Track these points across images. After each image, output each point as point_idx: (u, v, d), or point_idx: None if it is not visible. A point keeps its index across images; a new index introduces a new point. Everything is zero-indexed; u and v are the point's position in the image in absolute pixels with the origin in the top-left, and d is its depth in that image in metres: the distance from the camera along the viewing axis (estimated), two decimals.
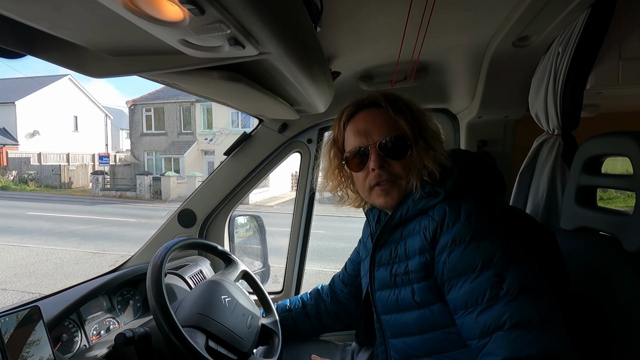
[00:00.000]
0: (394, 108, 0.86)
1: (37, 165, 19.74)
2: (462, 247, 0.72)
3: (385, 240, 0.88)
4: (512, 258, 0.69)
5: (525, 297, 0.65)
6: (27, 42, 0.60)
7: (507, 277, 0.67)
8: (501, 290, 0.66)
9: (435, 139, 0.86)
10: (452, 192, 0.79)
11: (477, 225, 0.72)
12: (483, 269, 0.69)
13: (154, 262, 0.94)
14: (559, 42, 0.96)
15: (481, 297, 0.68)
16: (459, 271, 0.71)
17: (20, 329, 0.75)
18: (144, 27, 0.45)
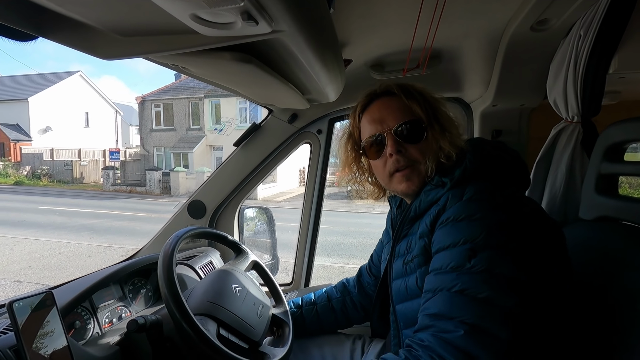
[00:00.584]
0: (406, 95, 0.87)
1: (50, 161, 20.09)
2: (453, 223, 0.72)
3: (406, 233, 0.89)
4: (494, 243, 0.67)
5: (486, 276, 0.65)
6: (38, 24, 0.59)
7: (479, 255, 0.66)
8: (468, 263, 0.66)
9: (450, 122, 0.86)
10: (459, 180, 0.79)
11: (473, 206, 0.72)
12: (463, 243, 0.69)
13: (165, 250, 0.94)
14: (580, 25, 0.92)
15: (447, 263, 0.69)
16: (443, 244, 0.72)
17: (34, 314, 0.76)
18: (157, 1, 0.44)
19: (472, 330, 0.61)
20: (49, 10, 0.55)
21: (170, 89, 20.64)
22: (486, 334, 0.61)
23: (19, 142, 21.48)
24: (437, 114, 0.86)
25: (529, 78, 1.20)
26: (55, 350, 0.78)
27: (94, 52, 0.62)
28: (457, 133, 0.85)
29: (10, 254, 6.76)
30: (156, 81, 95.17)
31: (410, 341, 0.69)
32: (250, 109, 18.33)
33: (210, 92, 18.88)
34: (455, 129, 0.86)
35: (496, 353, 0.60)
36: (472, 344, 0.61)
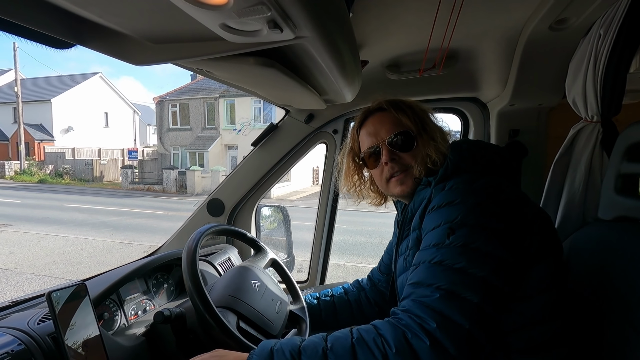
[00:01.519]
0: (396, 109, 0.99)
1: (72, 160, 20.75)
2: (437, 209, 0.80)
3: (407, 233, 0.96)
4: (471, 221, 0.73)
5: (463, 249, 0.71)
6: (76, 32, 0.63)
7: (457, 232, 0.73)
8: (447, 240, 0.73)
9: (436, 131, 0.98)
10: (442, 177, 0.88)
11: (453, 193, 0.79)
12: (444, 224, 0.76)
13: (189, 246, 0.98)
14: (600, 24, 0.92)
15: (428, 242, 0.77)
16: (428, 228, 0.80)
17: (69, 303, 0.81)
18: (189, 12, 0.47)
19: (447, 295, 0.68)
20: (88, 21, 0.59)
21: (187, 89, 21.01)
22: (459, 298, 0.67)
23: (43, 141, 22.27)
24: (425, 124, 0.98)
25: (547, 77, 1.19)
26: (88, 338, 0.83)
27: (128, 58, 0.66)
28: (442, 141, 0.95)
29: (35, 249, 7.03)
30: (173, 82, 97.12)
31: (394, 309, 0.75)
32: (264, 109, 18.49)
33: (225, 92, 19.13)
34: (442, 137, 0.97)
35: (468, 315, 0.66)
36: (446, 306, 0.67)
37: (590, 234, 0.95)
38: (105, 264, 6.18)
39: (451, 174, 0.87)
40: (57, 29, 0.61)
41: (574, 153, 1.11)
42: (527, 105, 1.36)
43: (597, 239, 0.91)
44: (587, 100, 1.02)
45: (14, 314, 0.97)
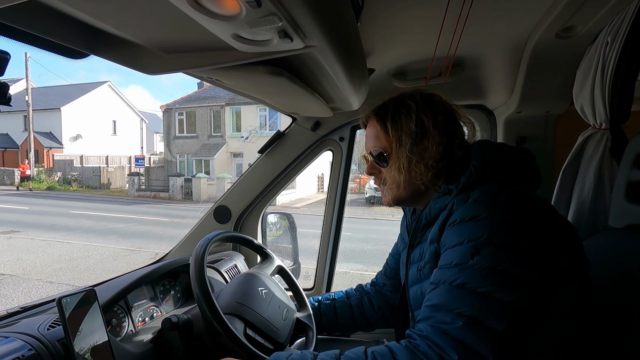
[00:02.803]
0: (380, 122, 0.93)
1: (80, 167, 21.01)
2: (458, 224, 0.74)
3: (419, 240, 0.93)
4: (497, 240, 0.68)
5: (488, 272, 0.65)
6: (92, 43, 0.65)
7: (482, 252, 0.67)
8: (471, 260, 0.67)
9: (433, 143, 0.86)
10: (465, 186, 0.81)
11: (478, 207, 0.73)
12: (468, 241, 0.70)
13: (197, 252, 0.99)
14: (607, 32, 0.92)
15: (450, 260, 0.71)
16: (449, 244, 0.74)
17: (79, 309, 0.81)
18: (202, 23, 0.48)
19: (470, 322, 0.63)
20: (102, 31, 0.61)
21: (193, 98, 21.27)
22: (483, 326, 0.62)
23: (52, 149, 22.61)
24: (409, 141, 0.87)
25: (555, 85, 1.19)
26: (97, 344, 0.83)
27: (140, 68, 0.67)
28: (456, 148, 0.87)
29: (43, 256, 7.09)
30: (180, 90, 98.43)
31: (411, 331, 0.71)
32: (270, 117, 18.63)
33: (231, 100, 19.33)
34: (431, 152, 0.85)
35: (493, 345, 0.61)
36: (469, 336, 0.62)
37: (601, 242, 0.94)
38: (112, 271, 6.21)
39: (475, 183, 0.80)
40: (73, 40, 0.62)
41: (583, 160, 1.11)
42: (534, 112, 1.36)
43: (608, 247, 0.89)
44: (595, 108, 1.02)
45: (24, 320, 0.98)
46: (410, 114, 0.87)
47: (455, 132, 0.89)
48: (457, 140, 0.88)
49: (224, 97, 19.56)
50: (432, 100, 0.90)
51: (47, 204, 13.98)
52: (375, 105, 1.00)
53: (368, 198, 14.97)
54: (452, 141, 0.87)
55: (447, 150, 0.86)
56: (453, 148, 0.86)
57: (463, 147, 0.88)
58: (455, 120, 0.91)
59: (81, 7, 0.50)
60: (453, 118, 0.91)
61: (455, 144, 0.87)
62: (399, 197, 0.93)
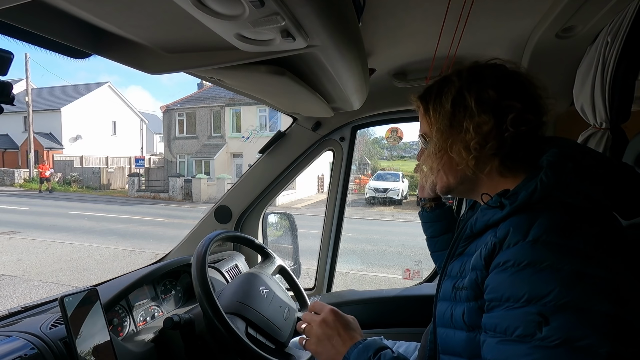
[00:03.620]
0: (422, 104, 0.83)
1: (80, 168, 21.00)
2: (513, 270, 0.58)
3: (461, 251, 0.79)
4: (572, 303, 0.52)
5: (567, 351, 0.51)
6: (94, 43, 0.65)
7: (553, 322, 0.52)
8: (539, 332, 0.53)
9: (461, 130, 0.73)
10: (523, 206, 0.63)
11: (541, 250, 0.56)
12: (528, 302, 0.55)
13: (199, 252, 0.99)
14: (607, 32, 0.92)
15: (512, 329, 0.56)
16: (500, 295, 0.59)
17: (81, 308, 0.82)
18: (206, 22, 0.48)
19: None
20: (105, 31, 0.61)
21: (193, 98, 21.28)
22: None
23: (52, 149, 22.61)
24: (445, 123, 0.76)
25: (555, 85, 1.20)
26: (99, 343, 0.83)
27: (143, 67, 0.68)
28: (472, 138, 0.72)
29: (43, 256, 7.09)
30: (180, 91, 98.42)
31: None
32: (270, 117, 18.65)
33: (231, 101, 19.34)
34: (472, 136, 0.72)
35: None
36: None
37: None
38: (112, 271, 6.21)
39: (536, 203, 0.62)
40: (77, 40, 0.63)
41: None
42: None
43: None
44: (595, 107, 1.02)
45: (26, 319, 0.98)
46: (450, 92, 0.75)
47: (510, 107, 0.70)
48: (511, 115, 0.69)
49: (224, 98, 19.57)
50: (484, 74, 0.74)
51: (47, 204, 13.97)
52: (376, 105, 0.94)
53: (368, 199, 14.99)
54: (503, 118, 0.69)
55: (496, 130, 0.70)
56: (505, 125, 0.69)
57: (523, 122, 0.69)
58: (513, 92, 0.72)
59: (85, 7, 0.51)
60: (511, 89, 0.72)
61: (508, 121, 0.69)
62: (448, 186, 0.81)
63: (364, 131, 22.48)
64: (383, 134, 17.57)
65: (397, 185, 15.23)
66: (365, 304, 1.65)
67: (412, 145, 41.25)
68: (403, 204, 15.08)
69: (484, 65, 0.76)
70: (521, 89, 0.72)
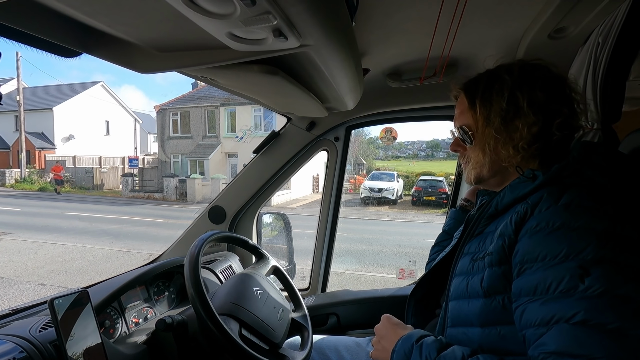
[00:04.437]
0: (468, 98, 0.84)
1: (72, 168, 20.76)
2: (547, 231, 0.61)
3: (481, 231, 0.82)
4: (609, 256, 0.57)
5: (609, 299, 0.54)
6: (84, 41, 0.64)
7: (594, 273, 0.56)
8: (581, 284, 0.56)
9: (513, 130, 0.76)
10: (555, 178, 0.68)
11: (574, 212, 0.61)
12: (566, 258, 0.58)
13: (192, 253, 0.98)
14: (598, 33, 0.93)
15: (555, 285, 0.58)
16: (535, 255, 0.62)
17: (71, 310, 0.80)
18: (197, 21, 0.48)
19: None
20: (96, 29, 0.60)
21: (188, 98, 21.15)
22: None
23: (44, 149, 22.34)
24: (496, 121, 0.78)
25: None
26: (90, 346, 0.82)
27: (134, 66, 0.67)
28: (522, 138, 0.75)
29: (35, 257, 6.99)
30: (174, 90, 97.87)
31: None
32: (265, 117, 18.61)
33: (226, 101, 19.26)
34: (523, 136, 0.75)
35: None
36: None
37: None
38: (105, 272, 6.15)
39: (567, 177, 0.67)
40: (65, 38, 0.62)
41: None
42: None
43: None
44: (586, 108, 1.03)
45: (15, 322, 0.97)
46: (502, 90, 0.76)
47: (557, 111, 0.73)
48: (558, 119, 0.73)
49: (218, 97, 19.48)
50: (534, 75, 0.77)
51: (39, 205, 13.79)
52: (370, 105, 0.94)
53: (363, 198, 15.02)
54: (550, 121, 0.73)
55: (543, 132, 0.74)
56: (551, 129, 0.73)
57: (567, 127, 0.74)
58: (560, 97, 0.75)
59: (73, 5, 0.50)
60: (558, 94, 0.76)
61: (554, 125, 0.73)
62: (482, 177, 0.84)
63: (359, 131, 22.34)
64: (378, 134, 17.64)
65: (392, 185, 15.29)
66: (359, 304, 1.65)
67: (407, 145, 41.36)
68: (398, 203, 15.15)
69: (531, 65, 0.78)
70: (565, 93, 0.76)
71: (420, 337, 0.75)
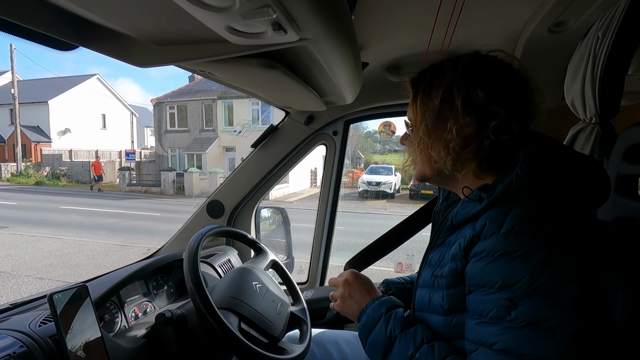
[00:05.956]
0: (412, 91, 0.82)
1: (69, 162, 20.65)
2: (488, 259, 0.63)
3: (442, 242, 0.82)
4: (541, 289, 0.58)
5: (533, 332, 0.56)
6: (80, 34, 0.63)
7: (521, 307, 0.58)
8: (508, 315, 0.59)
9: (443, 130, 0.73)
10: (500, 198, 0.66)
11: (514, 241, 0.61)
12: (500, 289, 0.60)
13: (190, 247, 0.98)
14: (598, 26, 0.93)
15: (486, 312, 0.62)
16: (477, 282, 0.64)
17: (70, 305, 0.81)
18: (195, 14, 0.47)
19: None
20: (91, 22, 0.59)
21: (185, 91, 21.00)
22: None
23: (40, 143, 22.18)
24: (429, 119, 0.76)
25: (546, 79, 1.20)
26: (89, 340, 0.82)
27: (131, 60, 0.66)
28: (452, 139, 0.72)
29: (32, 251, 6.99)
30: (171, 83, 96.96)
31: None
32: (263, 111, 18.52)
33: (223, 94, 19.14)
34: (453, 137, 0.72)
35: None
36: None
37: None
38: (103, 267, 6.16)
39: (513, 196, 0.65)
40: (60, 31, 0.61)
41: None
42: None
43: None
44: (585, 102, 1.03)
45: (14, 317, 0.97)
46: (441, 87, 0.73)
47: (495, 113, 0.69)
48: (494, 122, 0.68)
49: (215, 91, 19.35)
50: (480, 70, 0.72)
51: (36, 199, 13.74)
52: (369, 99, 0.94)
53: (361, 192, 15.04)
54: (484, 123, 0.69)
55: (477, 135, 0.70)
56: (485, 131, 0.69)
57: (505, 131, 0.69)
58: (505, 97, 0.70)
59: None
60: (503, 94, 0.70)
61: (490, 127, 0.69)
62: (423, 174, 0.83)
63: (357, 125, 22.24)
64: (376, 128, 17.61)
65: (390, 178, 15.31)
66: None
67: None
68: (396, 197, 15.18)
69: (481, 59, 0.74)
70: (512, 93, 0.71)
71: (389, 308, 0.80)
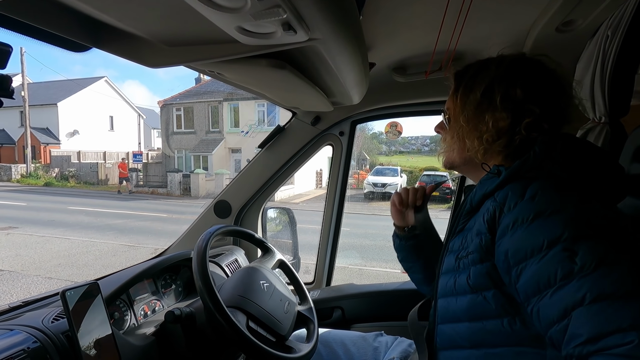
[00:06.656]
0: (455, 82, 0.87)
1: (77, 163, 20.90)
2: (524, 227, 0.63)
3: (461, 228, 0.83)
4: (584, 230, 0.59)
5: (605, 269, 0.56)
6: (94, 36, 0.65)
7: (580, 251, 0.57)
8: (575, 265, 0.57)
9: (480, 121, 0.77)
10: (517, 172, 0.70)
11: (541, 201, 0.63)
12: (549, 247, 0.60)
13: (199, 246, 0.99)
14: (607, 26, 0.92)
15: (553, 276, 0.59)
16: (523, 254, 0.63)
17: (82, 302, 0.82)
18: (207, 15, 0.48)
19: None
20: (105, 24, 0.61)
21: (191, 93, 21.16)
22: None
23: (49, 145, 22.49)
24: (469, 111, 0.80)
25: None
26: (101, 337, 0.84)
27: (143, 61, 0.67)
28: (488, 131, 0.76)
29: (42, 251, 7.08)
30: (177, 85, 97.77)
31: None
32: (269, 112, 18.58)
33: (229, 96, 19.25)
34: (489, 129, 0.76)
35: None
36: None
37: None
38: (110, 267, 6.21)
39: (529, 171, 0.69)
40: (76, 33, 0.62)
41: None
42: None
43: None
44: (595, 102, 1.02)
45: (27, 313, 0.99)
46: (483, 81, 0.78)
47: (530, 111, 0.73)
48: (528, 119, 0.73)
49: (222, 93, 19.48)
50: (521, 70, 0.76)
51: (45, 200, 13.92)
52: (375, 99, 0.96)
53: (367, 193, 15.01)
54: (519, 120, 0.73)
55: (510, 129, 0.74)
56: (519, 127, 0.74)
57: (537, 129, 0.73)
58: (541, 97, 0.74)
59: None
60: (540, 94, 0.74)
61: (523, 124, 0.73)
62: (452, 162, 0.89)
63: (362, 126, 22.21)
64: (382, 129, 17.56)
65: (396, 180, 15.26)
66: (364, 298, 1.66)
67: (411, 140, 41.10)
68: None
69: (525, 60, 0.78)
70: (549, 95, 0.74)
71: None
